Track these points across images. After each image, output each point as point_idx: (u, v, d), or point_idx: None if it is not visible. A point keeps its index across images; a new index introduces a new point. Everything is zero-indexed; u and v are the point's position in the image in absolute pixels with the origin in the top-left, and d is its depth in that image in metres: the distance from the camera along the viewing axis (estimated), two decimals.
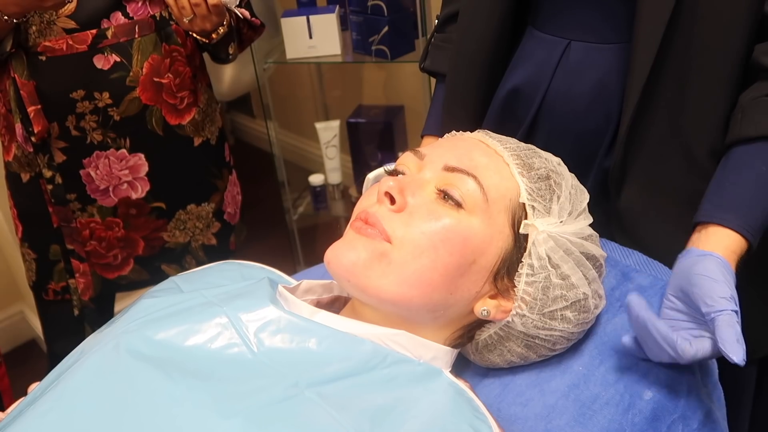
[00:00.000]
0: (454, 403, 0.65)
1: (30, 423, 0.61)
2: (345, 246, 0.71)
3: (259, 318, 0.68)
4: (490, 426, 0.64)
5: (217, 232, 1.57)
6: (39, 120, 1.28)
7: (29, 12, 1.22)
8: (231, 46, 1.42)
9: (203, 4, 1.26)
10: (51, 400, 0.62)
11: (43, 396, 0.64)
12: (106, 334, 0.70)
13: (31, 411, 0.62)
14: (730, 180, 0.80)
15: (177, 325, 0.68)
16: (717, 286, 0.70)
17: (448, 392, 0.66)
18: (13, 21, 1.20)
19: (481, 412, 0.65)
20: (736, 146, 0.81)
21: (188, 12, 1.26)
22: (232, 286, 0.76)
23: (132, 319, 0.71)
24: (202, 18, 1.29)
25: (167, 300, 0.74)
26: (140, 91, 1.33)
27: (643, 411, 0.72)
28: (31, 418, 0.61)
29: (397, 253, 0.70)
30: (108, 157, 1.36)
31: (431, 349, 0.73)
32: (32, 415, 0.61)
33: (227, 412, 0.57)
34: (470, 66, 1.02)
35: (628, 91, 0.87)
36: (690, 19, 0.82)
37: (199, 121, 1.45)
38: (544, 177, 0.75)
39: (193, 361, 0.64)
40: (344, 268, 0.70)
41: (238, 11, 1.36)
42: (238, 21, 1.43)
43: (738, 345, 0.66)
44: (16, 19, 1.21)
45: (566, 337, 0.76)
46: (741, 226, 0.76)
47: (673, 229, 0.81)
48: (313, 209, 2.33)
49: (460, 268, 0.70)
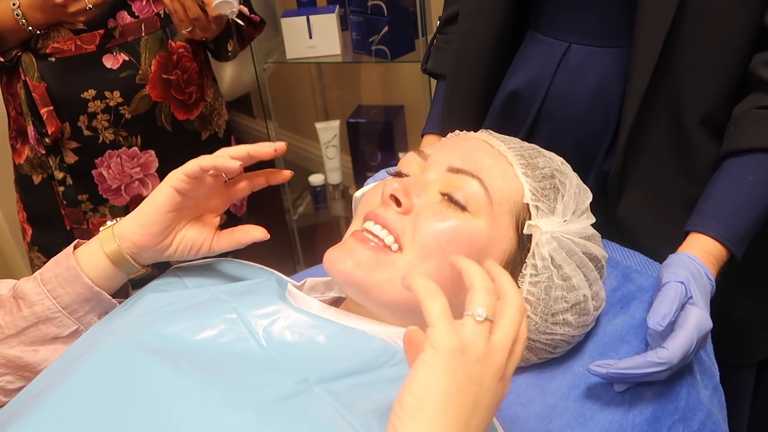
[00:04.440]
0: None
1: (38, 415, 0.60)
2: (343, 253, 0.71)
3: (268, 314, 0.68)
4: (495, 428, 0.64)
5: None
6: (52, 121, 1.29)
7: (55, 22, 1.23)
8: (230, 42, 1.43)
9: (202, 18, 1.26)
10: (59, 393, 0.62)
11: (50, 389, 0.64)
12: (113, 329, 0.70)
13: (38, 403, 0.62)
14: (718, 190, 0.81)
15: (186, 320, 0.68)
16: (669, 270, 0.73)
17: None
18: (36, 31, 1.22)
19: None
20: (728, 158, 0.82)
21: (187, 25, 1.27)
22: (239, 284, 0.77)
23: (140, 313, 0.71)
24: (202, 29, 1.29)
25: (174, 295, 0.74)
26: (150, 89, 1.34)
27: (643, 412, 0.73)
28: (38, 410, 0.61)
29: (404, 256, 0.69)
30: (120, 155, 1.37)
31: None
32: (40, 407, 0.61)
33: (237, 406, 0.57)
34: (471, 68, 1.02)
35: (627, 98, 0.87)
36: (690, 27, 0.82)
37: (206, 115, 1.47)
38: (549, 176, 0.75)
39: (202, 355, 0.64)
40: (343, 274, 0.70)
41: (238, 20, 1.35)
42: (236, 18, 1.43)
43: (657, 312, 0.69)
44: (39, 30, 1.23)
45: (567, 341, 0.76)
46: (721, 234, 0.77)
47: (672, 235, 0.82)
48: (313, 209, 2.33)
49: None
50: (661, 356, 0.68)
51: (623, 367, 0.69)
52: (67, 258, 0.74)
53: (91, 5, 1.19)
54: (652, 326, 0.68)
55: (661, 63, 0.83)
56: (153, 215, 0.74)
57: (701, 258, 0.75)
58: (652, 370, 0.68)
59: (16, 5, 1.19)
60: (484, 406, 0.51)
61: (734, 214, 0.78)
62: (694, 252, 0.76)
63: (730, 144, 0.82)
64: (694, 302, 0.70)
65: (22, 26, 1.20)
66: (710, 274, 0.75)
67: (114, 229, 0.75)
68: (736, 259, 0.78)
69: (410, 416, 0.48)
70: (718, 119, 0.85)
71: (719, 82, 0.84)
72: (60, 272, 0.73)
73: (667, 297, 0.70)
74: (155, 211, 0.74)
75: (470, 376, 0.50)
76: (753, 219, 0.79)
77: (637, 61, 0.85)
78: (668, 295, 0.70)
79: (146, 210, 0.74)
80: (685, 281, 0.71)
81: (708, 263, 0.75)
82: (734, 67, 0.83)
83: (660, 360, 0.68)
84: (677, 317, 0.70)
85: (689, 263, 0.74)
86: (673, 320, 0.69)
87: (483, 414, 0.52)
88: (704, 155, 0.87)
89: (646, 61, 0.84)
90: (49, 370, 0.70)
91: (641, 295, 0.84)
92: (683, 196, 0.89)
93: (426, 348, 0.50)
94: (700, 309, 0.70)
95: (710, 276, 0.75)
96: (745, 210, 0.78)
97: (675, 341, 0.68)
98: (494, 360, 0.52)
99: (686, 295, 0.71)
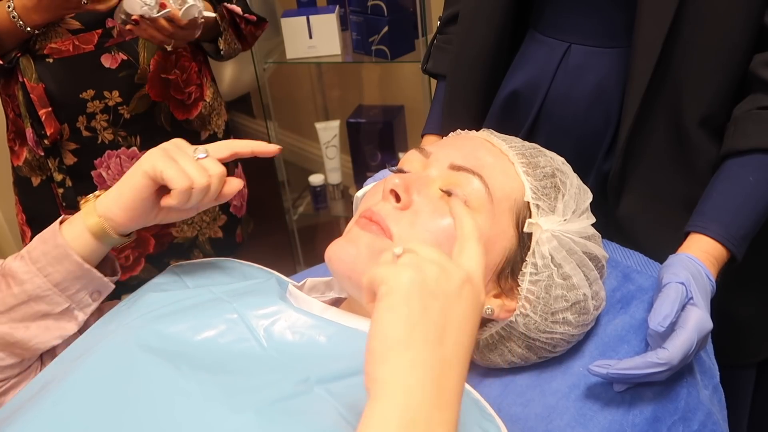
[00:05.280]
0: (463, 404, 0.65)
1: (38, 414, 0.60)
2: (346, 242, 0.71)
3: (269, 314, 0.68)
4: (498, 426, 0.64)
5: (224, 224, 1.58)
6: (51, 122, 1.28)
7: (53, 20, 1.22)
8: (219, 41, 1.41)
9: (178, 31, 1.25)
10: (59, 392, 0.62)
11: (50, 387, 0.64)
12: (114, 328, 0.70)
13: (38, 402, 0.62)
14: (718, 190, 0.81)
15: (187, 320, 0.68)
16: (670, 270, 0.73)
17: None
18: (34, 31, 1.22)
19: (488, 413, 0.65)
20: (728, 158, 0.82)
21: (168, 42, 1.26)
22: (240, 284, 0.77)
23: (140, 313, 0.71)
24: (182, 38, 1.29)
25: (175, 295, 0.74)
26: (149, 88, 1.34)
27: (643, 412, 0.73)
28: (38, 409, 0.61)
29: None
30: (119, 156, 1.37)
31: None
32: (40, 406, 0.61)
33: (238, 407, 0.57)
34: (471, 68, 1.02)
35: (627, 98, 0.87)
36: (690, 27, 0.82)
37: (205, 115, 1.46)
38: (549, 175, 0.75)
39: (203, 356, 0.64)
40: (344, 264, 0.70)
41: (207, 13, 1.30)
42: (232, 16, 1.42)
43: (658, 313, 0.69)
44: (36, 31, 1.22)
45: (567, 340, 0.76)
46: (721, 234, 0.77)
47: (672, 235, 0.82)
48: (313, 209, 2.33)
49: None
50: (661, 357, 0.68)
51: (623, 367, 0.69)
52: (54, 236, 0.73)
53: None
54: (654, 327, 0.68)
55: (661, 63, 0.83)
56: (135, 201, 0.72)
57: (701, 258, 0.75)
58: (652, 371, 0.68)
59: (11, 7, 1.18)
60: (457, 319, 0.49)
61: (734, 214, 0.78)
62: (694, 252, 0.76)
63: (731, 144, 0.82)
64: (695, 303, 0.70)
65: (19, 28, 1.20)
66: (710, 275, 0.75)
67: (96, 207, 0.74)
68: (736, 259, 0.78)
69: (380, 360, 0.46)
70: (718, 120, 0.85)
71: (719, 83, 0.84)
72: (48, 250, 0.73)
73: (668, 298, 0.70)
74: (136, 198, 0.72)
75: (431, 293, 0.48)
76: (753, 219, 0.79)
77: (637, 61, 0.85)
78: (669, 296, 0.70)
79: (127, 194, 0.73)
80: (685, 282, 0.71)
81: (708, 264, 0.75)
82: (734, 67, 0.83)
83: (660, 361, 0.68)
84: (677, 318, 0.70)
85: (690, 264, 0.74)
86: (674, 321, 0.69)
87: (458, 327, 0.49)
88: (704, 156, 0.87)
89: (646, 61, 0.84)
90: (50, 368, 0.70)
91: (641, 295, 0.84)
92: (683, 197, 0.89)
93: (377, 291, 0.49)
94: (700, 310, 0.70)
95: (710, 276, 0.75)
96: (746, 210, 0.78)
97: (675, 342, 0.68)
98: (449, 269, 0.50)
99: (687, 295, 0.71)
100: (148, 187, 0.72)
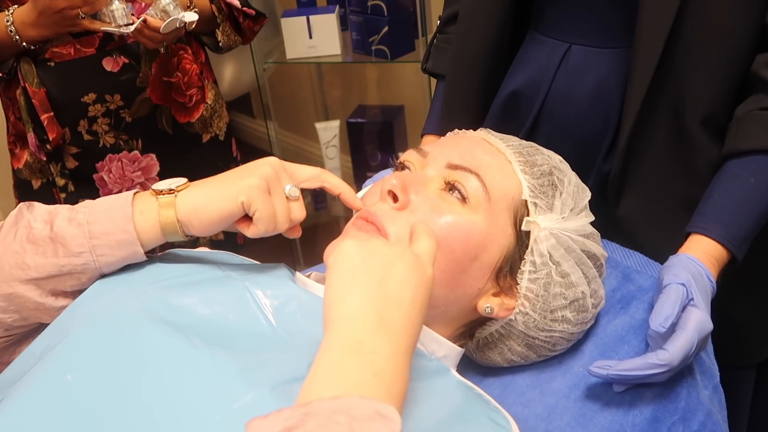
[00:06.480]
0: (468, 397, 0.66)
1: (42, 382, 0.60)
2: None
3: (279, 294, 0.68)
4: (505, 417, 0.64)
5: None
6: (53, 127, 1.28)
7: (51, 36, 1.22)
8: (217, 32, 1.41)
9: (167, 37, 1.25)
10: (64, 359, 0.61)
11: (54, 352, 0.62)
12: (120, 295, 0.68)
13: (42, 368, 0.61)
14: (719, 191, 0.81)
15: (197, 293, 0.67)
16: (670, 271, 0.73)
17: (459, 388, 0.67)
18: (30, 47, 1.22)
19: (493, 406, 0.66)
20: (729, 159, 0.82)
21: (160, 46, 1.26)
22: (250, 264, 0.76)
23: (149, 281, 0.69)
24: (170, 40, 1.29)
25: (184, 267, 0.73)
26: (150, 91, 1.34)
27: (643, 412, 0.72)
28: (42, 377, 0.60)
29: None
30: (121, 159, 1.37)
31: (443, 347, 0.73)
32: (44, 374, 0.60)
33: (253, 382, 0.57)
34: (470, 69, 1.02)
35: (628, 99, 0.87)
36: (691, 27, 0.82)
37: (207, 117, 1.46)
38: (547, 173, 0.75)
39: (212, 330, 0.64)
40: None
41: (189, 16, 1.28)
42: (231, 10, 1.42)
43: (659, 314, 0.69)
44: (33, 46, 1.22)
45: (566, 338, 0.76)
46: (722, 235, 0.77)
47: (673, 236, 0.82)
48: (313, 209, 2.33)
49: (461, 264, 0.70)
50: (661, 358, 0.68)
51: (623, 368, 0.69)
52: (126, 221, 0.68)
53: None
54: (655, 328, 0.68)
55: (663, 64, 0.83)
56: (219, 221, 0.70)
57: (702, 259, 0.75)
58: (653, 372, 0.68)
59: (9, 22, 1.18)
60: (397, 273, 0.54)
61: (735, 215, 0.78)
62: (694, 253, 0.76)
63: (732, 145, 0.82)
64: (695, 304, 0.70)
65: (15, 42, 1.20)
66: (711, 276, 0.75)
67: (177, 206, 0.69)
68: (737, 260, 0.78)
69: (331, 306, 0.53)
70: (719, 120, 0.85)
71: (720, 83, 0.84)
72: (113, 232, 0.68)
73: (668, 299, 0.70)
74: (222, 218, 0.70)
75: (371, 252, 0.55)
76: (754, 220, 0.79)
77: (638, 61, 0.85)
78: (670, 297, 0.70)
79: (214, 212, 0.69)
80: (686, 283, 0.71)
81: (709, 265, 0.75)
82: (735, 67, 0.83)
83: (660, 362, 0.68)
84: (678, 319, 0.70)
85: (690, 265, 0.74)
86: (675, 322, 0.69)
87: (401, 279, 0.54)
88: (705, 156, 0.87)
89: (647, 62, 0.83)
90: (52, 327, 0.68)
91: (641, 296, 0.84)
92: (684, 198, 0.88)
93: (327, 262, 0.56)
94: (700, 311, 0.70)
95: (711, 277, 0.74)
96: (746, 211, 0.78)
97: (675, 343, 0.68)
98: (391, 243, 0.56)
99: (687, 296, 0.71)
100: (236, 215, 0.70)
